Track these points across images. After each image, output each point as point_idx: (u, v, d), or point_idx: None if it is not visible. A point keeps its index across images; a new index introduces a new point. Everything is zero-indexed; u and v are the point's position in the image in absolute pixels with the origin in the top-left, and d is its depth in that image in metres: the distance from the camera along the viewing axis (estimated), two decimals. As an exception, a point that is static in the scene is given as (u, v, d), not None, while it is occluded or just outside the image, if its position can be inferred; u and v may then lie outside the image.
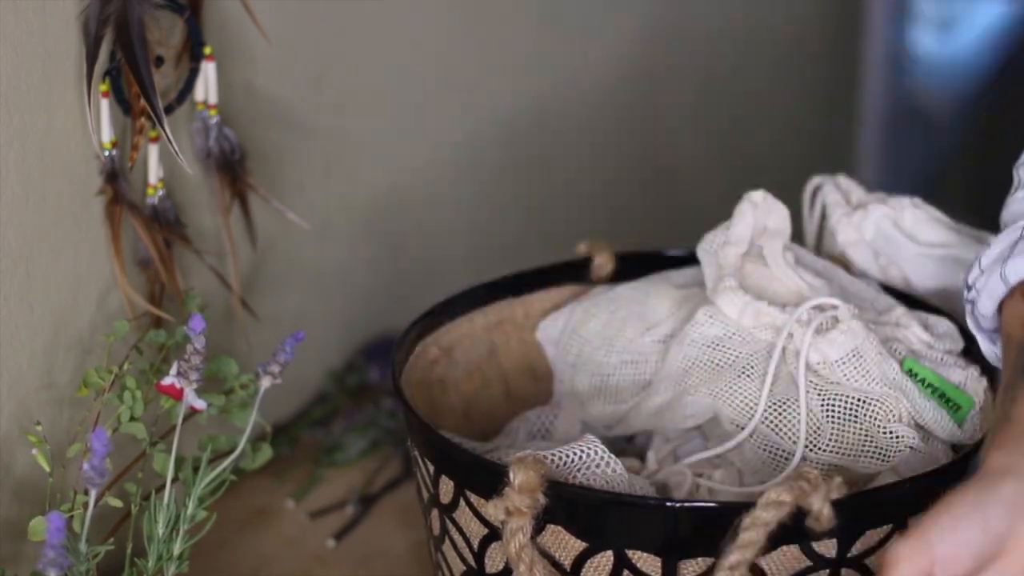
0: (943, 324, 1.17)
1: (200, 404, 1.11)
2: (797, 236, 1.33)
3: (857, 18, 2.39)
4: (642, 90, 1.87)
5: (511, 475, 0.99)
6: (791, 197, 1.37)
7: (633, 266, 1.29)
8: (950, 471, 1.04)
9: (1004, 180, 1.15)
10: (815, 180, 1.34)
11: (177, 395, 1.10)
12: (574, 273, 1.29)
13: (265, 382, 1.11)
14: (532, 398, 1.27)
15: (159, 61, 1.21)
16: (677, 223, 1.95)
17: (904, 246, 1.28)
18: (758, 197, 1.20)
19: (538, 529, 1.01)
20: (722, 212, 2.18)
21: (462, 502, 1.05)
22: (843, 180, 1.33)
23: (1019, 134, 1.38)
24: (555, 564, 1.02)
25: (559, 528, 1.01)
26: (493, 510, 1.00)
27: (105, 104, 1.18)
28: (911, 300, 1.22)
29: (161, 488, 1.10)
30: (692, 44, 1.94)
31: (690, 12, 1.92)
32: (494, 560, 1.05)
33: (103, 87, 1.17)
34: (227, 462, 1.11)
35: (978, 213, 1.36)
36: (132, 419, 1.13)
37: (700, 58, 1.96)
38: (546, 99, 1.71)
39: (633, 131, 1.87)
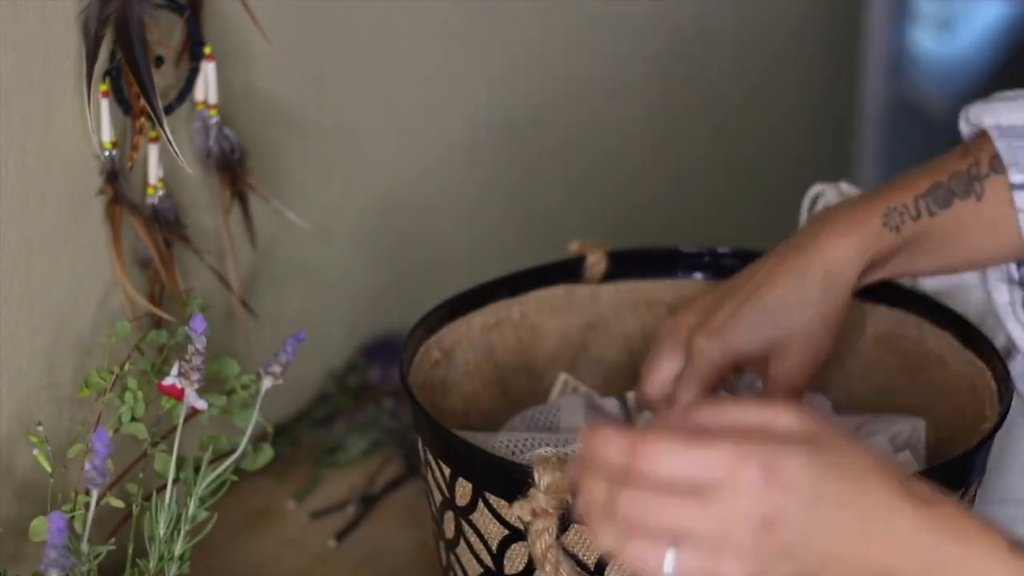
0: None
1: (201, 404, 1.11)
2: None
3: (857, 18, 2.39)
4: (641, 90, 1.87)
5: (536, 476, 0.99)
6: (790, 197, 1.36)
7: (625, 264, 1.28)
8: (949, 468, 1.04)
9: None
10: (815, 188, 1.31)
11: (178, 395, 1.10)
12: (568, 272, 1.28)
13: (266, 382, 1.11)
14: (530, 398, 1.26)
15: (159, 61, 1.21)
16: (677, 222, 1.95)
17: None
18: None
19: (561, 529, 1.00)
20: (722, 211, 2.19)
21: (480, 504, 1.04)
22: (844, 186, 1.31)
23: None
24: (580, 564, 1.01)
25: (583, 527, 1.00)
26: (519, 511, 0.99)
27: (105, 104, 1.18)
28: (916, 298, 1.22)
29: (162, 488, 1.10)
30: (691, 44, 1.94)
31: (689, 12, 1.92)
32: (513, 561, 1.04)
33: (103, 87, 1.17)
34: (228, 462, 1.11)
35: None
36: (133, 419, 1.13)
37: (699, 57, 1.96)
38: (546, 100, 1.70)
39: (632, 131, 1.87)
